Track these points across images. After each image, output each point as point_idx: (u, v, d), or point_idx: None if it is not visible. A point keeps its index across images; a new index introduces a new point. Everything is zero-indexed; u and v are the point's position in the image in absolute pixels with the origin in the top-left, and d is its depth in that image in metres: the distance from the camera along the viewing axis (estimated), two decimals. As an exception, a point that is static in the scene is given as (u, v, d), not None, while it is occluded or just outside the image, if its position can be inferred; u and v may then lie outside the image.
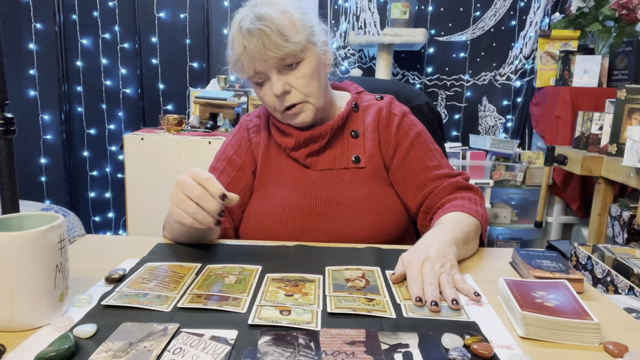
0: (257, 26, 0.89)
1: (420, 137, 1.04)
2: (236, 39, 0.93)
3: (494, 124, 2.87)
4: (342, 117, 1.03)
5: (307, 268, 0.78)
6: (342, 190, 1.00)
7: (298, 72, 0.94)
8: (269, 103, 0.97)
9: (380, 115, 1.05)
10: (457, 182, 0.99)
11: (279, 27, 0.89)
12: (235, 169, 1.05)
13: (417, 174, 1.01)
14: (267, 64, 0.92)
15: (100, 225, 3.01)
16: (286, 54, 0.91)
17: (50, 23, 2.73)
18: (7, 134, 1.22)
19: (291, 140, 1.01)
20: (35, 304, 0.57)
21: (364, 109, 1.07)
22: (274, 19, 0.90)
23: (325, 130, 1.01)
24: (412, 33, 2.47)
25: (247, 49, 0.91)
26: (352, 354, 0.53)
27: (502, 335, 0.59)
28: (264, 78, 0.95)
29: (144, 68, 2.83)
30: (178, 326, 0.58)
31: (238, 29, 0.92)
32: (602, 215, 2.01)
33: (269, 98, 0.96)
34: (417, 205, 1.01)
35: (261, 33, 0.89)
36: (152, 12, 2.79)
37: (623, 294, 1.41)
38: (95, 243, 0.91)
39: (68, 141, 2.87)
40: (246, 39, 0.90)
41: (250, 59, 0.92)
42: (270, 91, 0.95)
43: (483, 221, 0.93)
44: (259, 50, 0.90)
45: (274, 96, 0.95)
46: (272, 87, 0.94)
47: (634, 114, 1.84)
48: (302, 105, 0.96)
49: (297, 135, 1.01)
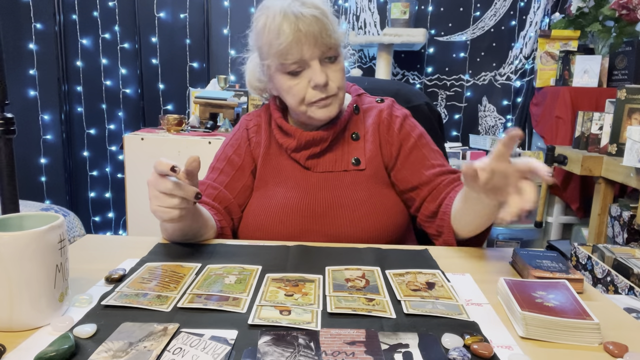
0: (311, 12, 0.90)
1: (423, 138, 1.05)
2: (285, 23, 0.90)
3: (494, 124, 2.87)
4: (344, 120, 1.03)
5: (307, 268, 0.78)
6: (342, 192, 1.00)
7: (336, 65, 0.96)
8: (299, 94, 0.95)
9: (381, 117, 1.05)
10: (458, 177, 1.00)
11: (329, 17, 0.92)
12: (234, 168, 1.05)
13: (421, 172, 1.01)
14: (316, 50, 0.92)
15: (100, 225, 3.01)
16: (335, 44, 0.93)
17: (50, 23, 2.73)
18: (7, 134, 1.22)
19: (293, 141, 1.01)
20: (35, 304, 0.57)
21: (365, 111, 1.07)
22: (322, 9, 0.92)
23: (328, 134, 1.01)
24: (412, 33, 2.47)
25: (303, 32, 0.89)
26: (352, 354, 0.53)
27: (502, 335, 0.59)
28: (302, 67, 0.94)
29: (144, 68, 2.83)
30: (178, 326, 0.58)
31: (283, 14, 0.90)
32: (602, 215, 2.01)
33: (301, 88, 0.95)
34: (422, 200, 1.01)
35: (316, 19, 0.90)
36: (152, 12, 2.79)
37: (623, 294, 1.41)
38: (95, 243, 0.91)
39: (68, 141, 2.87)
40: (301, 22, 0.89)
41: (301, 42, 0.90)
42: (305, 81, 0.94)
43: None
44: (314, 35, 0.89)
45: (307, 86, 0.94)
46: (313, 76, 0.93)
47: (634, 114, 1.84)
48: (332, 97, 0.96)
49: (299, 136, 1.01)
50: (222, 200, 1.01)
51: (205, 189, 1.02)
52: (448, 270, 0.79)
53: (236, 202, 1.03)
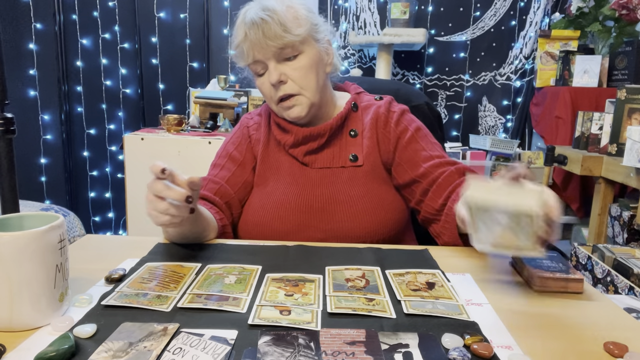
0: (260, 15, 0.93)
1: (420, 131, 1.05)
2: (239, 27, 0.97)
3: (494, 124, 2.87)
4: (342, 117, 1.03)
5: (307, 268, 0.78)
6: (340, 188, 1.00)
7: (296, 63, 0.97)
8: (266, 93, 1.00)
9: (378, 113, 1.05)
10: (464, 167, 0.99)
11: (281, 19, 0.93)
12: (235, 164, 1.07)
13: (419, 164, 1.01)
14: (266, 52, 0.95)
15: (100, 225, 3.01)
16: (284, 44, 0.94)
17: (50, 23, 2.73)
18: (7, 134, 1.22)
19: (290, 137, 1.02)
20: (35, 304, 0.57)
21: (363, 108, 1.08)
22: (277, 11, 0.93)
23: (325, 129, 1.02)
24: (412, 33, 2.47)
25: (248, 36, 0.94)
26: (352, 354, 0.53)
27: (502, 335, 0.59)
28: (264, 68, 0.98)
29: (144, 68, 2.84)
30: (178, 326, 0.58)
31: (242, 18, 0.96)
32: (602, 215, 2.01)
33: (266, 88, 0.99)
34: (422, 193, 1.00)
35: (263, 22, 0.92)
36: (152, 12, 2.79)
37: (623, 294, 1.41)
38: (95, 243, 0.91)
39: (68, 141, 2.87)
40: (248, 27, 0.94)
41: (251, 46, 0.95)
42: (268, 80, 0.97)
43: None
44: (259, 38, 0.93)
45: (270, 86, 0.97)
46: (269, 75, 0.96)
47: (634, 114, 1.84)
48: (296, 98, 0.98)
49: (296, 132, 1.02)
50: (223, 195, 1.02)
51: (206, 184, 1.03)
52: (448, 270, 0.79)
53: (237, 197, 1.04)
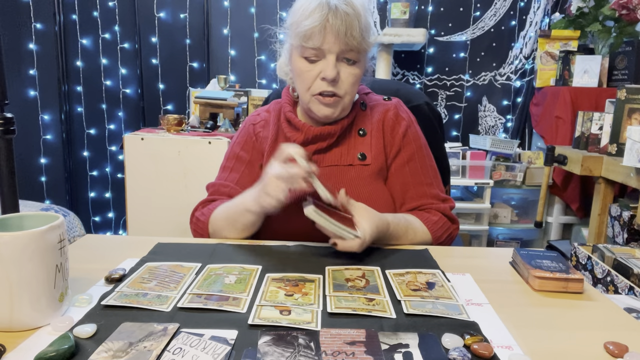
0: (346, 10, 0.90)
1: (422, 150, 1.06)
2: (317, 9, 0.91)
3: (494, 124, 2.87)
4: (352, 117, 1.03)
5: (307, 268, 0.78)
6: (346, 186, 1.00)
7: (351, 69, 0.95)
8: (307, 80, 0.96)
9: (386, 115, 1.05)
10: (444, 209, 1.03)
11: (364, 23, 0.93)
12: (243, 164, 1.07)
13: (410, 187, 1.04)
14: (336, 46, 0.92)
15: (100, 225, 3.01)
16: (357, 49, 0.93)
17: (50, 23, 2.73)
18: (7, 134, 1.22)
19: (300, 135, 1.02)
20: (35, 304, 0.57)
21: (372, 108, 1.08)
22: (360, 13, 0.92)
23: (335, 130, 1.01)
24: (412, 33, 2.47)
25: (330, 23, 0.90)
26: (352, 354, 0.53)
27: (502, 335, 0.59)
28: (318, 56, 0.95)
29: (144, 68, 2.83)
30: (178, 326, 0.58)
31: (319, 1, 0.92)
32: (602, 215, 2.01)
33: (310, 75, 0.96)
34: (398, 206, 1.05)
35: (348, 17, 0.90)
36: (152, 12, 2.79)
37: (623, 294, 1.41)
38: (95, 243, 0.91)
39: (68, 141, 2.87)
40: (332, 14, 0.90)
41: (325, 33, 0.91)
42: (317, 70, 0.95)
43: (433, 239, 0.99)
44: (340, 31, 0.90)
45: (316, 76, 0.95)
46: (325, 67, 0.93)
47: (634, 114, 1.84)
48: (338, 99, 0.96)
49: (307, 131, 1.01)
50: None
51: (217, 188, 1.04)
52: (448, 270, 0.79)
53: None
